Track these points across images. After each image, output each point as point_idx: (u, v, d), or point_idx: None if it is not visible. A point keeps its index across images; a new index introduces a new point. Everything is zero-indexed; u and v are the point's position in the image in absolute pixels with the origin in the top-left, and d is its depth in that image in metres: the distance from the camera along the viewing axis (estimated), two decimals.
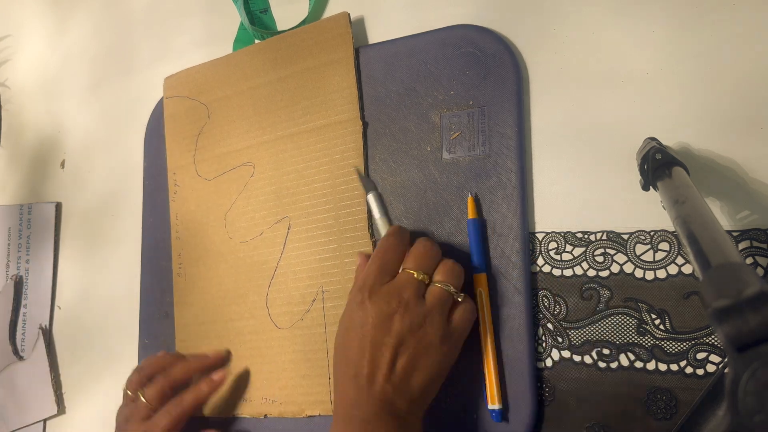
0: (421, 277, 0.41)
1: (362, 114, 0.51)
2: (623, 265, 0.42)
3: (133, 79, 0.69)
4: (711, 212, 0.31)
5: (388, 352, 0.39)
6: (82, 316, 0.68)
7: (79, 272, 0.69)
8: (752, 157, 0.39)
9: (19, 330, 0.70)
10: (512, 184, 0.45)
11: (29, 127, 0.77)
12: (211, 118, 0.60)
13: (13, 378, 0.69)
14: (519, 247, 0.44)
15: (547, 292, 0.44)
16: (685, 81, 0.42)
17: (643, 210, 0.42)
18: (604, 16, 0.45)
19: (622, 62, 0.44)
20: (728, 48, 0.41)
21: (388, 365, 0.39)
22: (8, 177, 0.77)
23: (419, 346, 0.40)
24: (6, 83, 0.81)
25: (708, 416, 0.30)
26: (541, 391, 0.43)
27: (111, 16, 0.73)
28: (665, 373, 0.40)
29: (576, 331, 0.42)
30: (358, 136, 0.51)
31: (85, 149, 0.72)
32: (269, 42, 0.57)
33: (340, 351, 0.42)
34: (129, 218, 0.65)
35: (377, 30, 0.54)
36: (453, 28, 0.49)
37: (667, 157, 0.36)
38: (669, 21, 0.43)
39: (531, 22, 0.47)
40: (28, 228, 0.72)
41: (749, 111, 0.40)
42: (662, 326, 0.40)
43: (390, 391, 0.39)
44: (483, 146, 0.46)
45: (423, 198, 0.48)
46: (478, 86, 0.47)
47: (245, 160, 0.57)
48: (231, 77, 0.59)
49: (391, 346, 0.39)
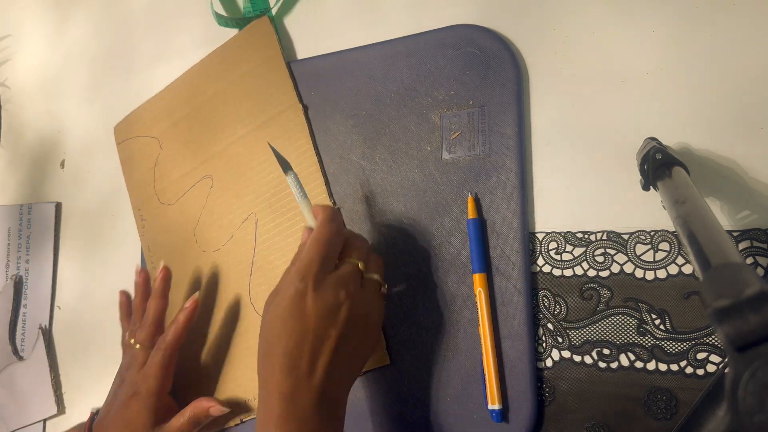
0: (363, 268, 0.43)
1: (300, 99, 0.54)
2: (623, 265, 0.42)
3: (133, 79, 0.69)
4: (711, 212, 0.31)
5: (331, 344, 0.40)
6: (82, 316, 0.68)
7: (79, 272, 0.69)
8: (752, 157, 0.39)
9: (19, 330, 0.70)
10: (512, 184, 0.45)
11: (29, 127, 0.77)
12: (163, 148, 0.63)
13: (13, 378, 0.69)
14: (519, 247, 0.44)
15: (547, 292, 0.44)
16: (685, 81, 0.42)
17: (643, 210, 0.42)
18: (604, 16, 0.45)
19: (622, 62, 0.44)
20: (728, 48, 0.41)
21: (330, 356, 0.40)
22: (8, 177, 0.77)
23: (361, 335, 0.42)
24: (6, 83, 0.81)
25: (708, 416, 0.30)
26: (541, 391, 0.43)
27: (111, 16, 0.73)
28: (665, 373, 0.39)
29: (576, 331, 0.42)
30: (301, 119, 0.54)
31: (85, 149, 0.72)
32: (202, 63, 0.61)
33: (272, 341, 0.40)
34: (129, 218, 0.65)
35: (377, 30, 0.54)
36: (453, 28, 0.49)
37: (667, 157, 0.36)
38: (669, 21, 0.43)
39: (531, 22, 0.47)
40: (28, 228, 0.72)
41: (749, 111, 0.40)
42: (662, 326, 0.40)
43: (329, 382, 0.39)
44: (483, 146, 0.46)
45: (423, 198, 0.48)
46: (478, 86, 0.47)
47: (203, 174, 0.59)
48: (174, 105, 0.62)
49: (335, 338, 0.40)
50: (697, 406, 0.30)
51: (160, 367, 0.51)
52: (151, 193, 0.63)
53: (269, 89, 0.56)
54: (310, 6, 0.58)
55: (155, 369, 0.51)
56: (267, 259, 0.54)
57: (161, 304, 0.55)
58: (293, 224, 0.53)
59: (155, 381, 0.51)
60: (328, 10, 0.57)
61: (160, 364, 0.51)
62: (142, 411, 0.50)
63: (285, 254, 0.53)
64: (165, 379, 0.52)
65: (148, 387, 0.51)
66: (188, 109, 0.61)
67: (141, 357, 0.53)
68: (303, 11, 0.59)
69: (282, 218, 0.54)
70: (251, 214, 0.56)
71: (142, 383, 0.51)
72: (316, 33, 0.57)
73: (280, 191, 0.54)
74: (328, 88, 0.54)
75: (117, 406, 0.52)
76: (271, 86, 0.56)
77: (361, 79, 0.52)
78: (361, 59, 0.52)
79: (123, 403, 0.51)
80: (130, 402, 0.51)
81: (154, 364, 0.51)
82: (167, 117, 0.62)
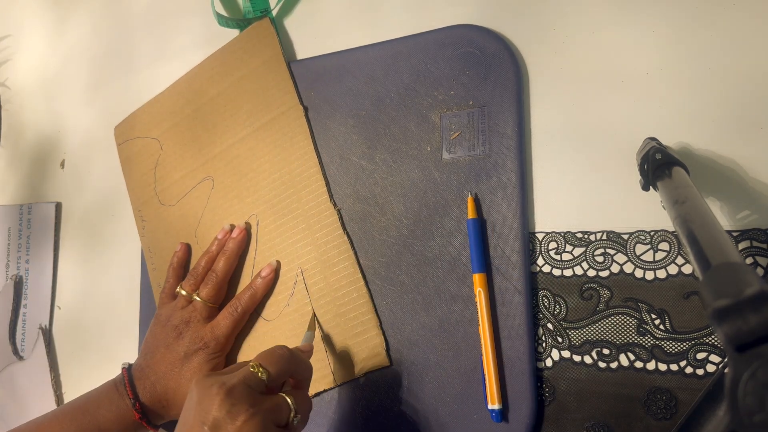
0: (264, 378, 0.40)
1: (301, 100, 0.54)
2: (623, 265, 0.42)
3: (133, 79, 0.69)
4: (711, 212, 0.31)
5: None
6: (82, 316, 0.68)
7: (79, 272, 0.69)
8: (752, 157, 0.39)
9: (19, 330, 0.70)
10: (512, 184, 0.45)
11: (29, 127, 0.77)
12: (164, 149, 0.62)
13: (13, 378, 0.69)
14: (519, 247, 0.44)
15: (547, 292, 0.44)
16: (685, 81, 0.42)
17: (643, 210, 0.42)
18: (603, 16, 0.45)
19: (622, 62, 0.44)
20: (728, 48, 0.41)
21: None
22: (8, 177, 0.77)
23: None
24: (6, 83, 0.81)
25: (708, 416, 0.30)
26: (541, 391, 0.43)
27: (111, 16, 0.73)
28: (665, 373, 0.40)
29: (576, 331, 0.42)
30: (302, 120, 0.54)
31: (85, 149, 0.72)
32: (203, 64, 0.61)
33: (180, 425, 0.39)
34: (129, 218, 0.65)
35: (378, 30, 0.54)
36: (453, 28, 0.49)
37: (667, 157, 0.36)
38: (669, 21, 0.43)
39: (531, 22, 0.47)
40: (28, 228, 0.73)
41: (749, 111, 0.40)
42: (662, 326, 0.40)
43: None
44: (483, 146, 0.46)
45: (423, 198, 0.48)
46: (478, 86, 0.47)
47: (204, 175, 0.59)
48: (175, 106, 0.62)
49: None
50: (696, 406, 0.30)
51: (231, 328, 0.52)
52: (151, 195, 0.63)
53: (270, 90, 0.56)
54: (311, 6, 0.58)
55: (226, 330, 0.52)
56: (268, 261, 0.54)
57: (233, 265, 0.55)
58: (295, 225, 0.53)
59: (225, 339, 0.52)
60: (328, 11, 0.57)
61: (230, 325, 0.52)
62: (204, 366, 0.51)
63: (286, 255, 0.53)
64: (232, 339, 0.53)
65: (218, 343, 0.51)
66: (189, 110, 0.61)
67: (204, 312, 0.53)
68: (303, 11, 0.59)
69: (283, 219, 0.54)
70: (253, 215, 0.56)
71: (210, 339, 0.51)
72: (316, 33, 0.58)
73: (281, 192, 0.54)
74: (328, 88, 0.54)
75: (171, 359, 0.51)
76: (272, 88, 0.56)
77: (361, 79, 0.52)
78: (361, 59, 0.53)
79: (183, 356, 0.51)
80: (193, 356, 0.51)
81: (226, 325, 0.52)
82: (168, 118, 0.63)
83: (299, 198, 0.53)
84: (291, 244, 0.53)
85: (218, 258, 0.55)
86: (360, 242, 0.50)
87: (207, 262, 0.55)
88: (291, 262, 0.53)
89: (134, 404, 0.50)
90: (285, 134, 0.55)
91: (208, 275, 0.54)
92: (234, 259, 0.55)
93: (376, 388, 0.48)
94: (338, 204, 0.52)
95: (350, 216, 0.51)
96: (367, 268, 0.49)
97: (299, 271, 0.52)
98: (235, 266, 0.55)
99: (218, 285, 0.54)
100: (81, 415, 0.51)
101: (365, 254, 0.50)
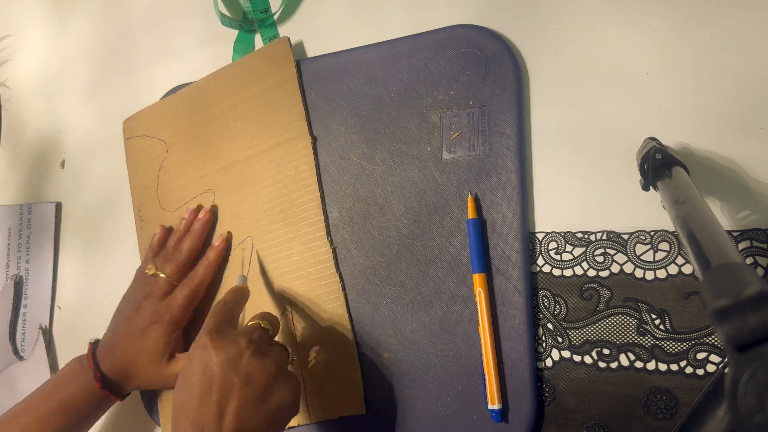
0: (268, 327, 0.44)
1: (310, 129, 0.54)
2: (623, 265, 0.42)
3: (133, 79, 0.69)
4: (711, 212, 0.31)
5: (237, 394, 0.39)
6: (82, 316, 0.68)
7: (79, 272, 0.69)
8: (752, 157, 0.39)
9: (19, 330, 0.70)
10: (512, 184, 0.45)
11: (29, 127, 0.77)
12: (169, 153, 0.62)
13: (13, 378, 0.69)
14: (519, 247, 0.44)
15: (547, 292, 0.44)
16: (685, 81, 0.42)
17: (643, 210, 0.42)
18: (604, 16, 0.45)
19: (622, 62, 0.44)
20: (728, 48, 0.41)
21: (236, 407, 0.39)
22: (8, 177, 0.77)
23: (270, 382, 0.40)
24: (6, 83, 0.81)
25: (708, 416, 0.30)
26: (541, 391, 0.43)
27: (111, 16, 0.73)
28: (665, 373, 0.40)
29: (576, 331, 0.42)
30: (309, 150, 0.53)
31: (85, 149, 0.72)
32: (218, 73, 0.60)
33: (182, 402, 0.40)
34: (129, 218, 0.65)
35: (378, 30, 0.54)
36: (453, 28, 0.49)
37: (667, 157, 0.36)
38: (669, 21, 0.43)
39: (531, 22, 0.47)
40: (28, 228, 0.73)
41: (749, 111, 0.40)
42: (662, 326, 0.40)
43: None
44: (483, 146, 0.46)
45: (423, 198, 0.48)
46: (478, 86, 0.47)
47: (205, 187, 0.59)
48: (185, 111, 0.61)
49: (240, 387, 0.39)
50: (696, 406, 0.30)
51: (187, 299, 0.53)
52: (152, 197, 0.63)
53: (280, 113, 0.55)
54: (311, 6, 0.58)
55: (182, 301, 0.53)
56: (258, 286, 0.54)
57: (197, 244, 0.56)
58: (289, 255, 0.52)
59: (180, 312, 0.53)
60: (328, 11, 0.57)
61: (187, 296, 0.53)
62: (159, 339, 0.52)
63: (276, 287, 0.53)
64: (187, 312, 0.54)
65: (172, 316, 0.52)
66: (199, 118, 0.60)
67: (164, 288, 0.54)
68: (304, 12, 0.59)
69: (278, 247, 0.53)
70: (248, 237, 0.55)
71: (166, 312, 0.53)
72: (316, 33, 0.58)
73: (278, 220, 0.53)
74: (328, 88, 0.54)
75: (131, 333, 0.53)
76: (283, 111, 0.55)
77: (361, 80, 0.52)
78: (361, 59, 0.53)
79: (141, 330, 0.52)
80: (149, 329, 0.52)
81: (182, 297, 0.53)
82: (177, 121, 0.62)
83: (296, 229, 0.52)
84: (282, 275, 0.53)
85: (185, 238, 0.57)
86: (360, 242, 0.50)
87: (176, 243, 0.57)
88: (280, 292, 0.53)
89: (95, 374, 0.51)
90: (290, 161, 0.54)
91: (173, 254, 0.56)
92: (199, 238, 0.56)
93: (376, 388, 0.48)
94: (338, 204, 0.52)
95: (350, 216, 0.51)
96: (367, 268, 0.49)
97: (288, 308, 0.52)
98: (201, 246, 0.57)
99: (182, 263, 0.55)
100: (52, 392, 0.52)
101: (365, 254, 0.50)
